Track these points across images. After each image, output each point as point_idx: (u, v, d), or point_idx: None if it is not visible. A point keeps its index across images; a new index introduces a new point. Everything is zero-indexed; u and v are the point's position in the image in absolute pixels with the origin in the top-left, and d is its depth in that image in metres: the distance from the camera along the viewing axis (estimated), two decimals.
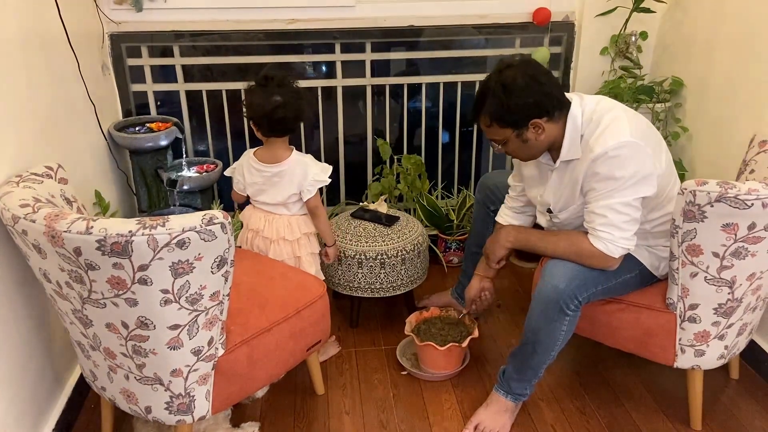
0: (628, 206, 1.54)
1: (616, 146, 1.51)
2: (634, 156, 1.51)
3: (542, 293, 1.62)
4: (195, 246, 1.25)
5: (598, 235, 1.58)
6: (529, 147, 1.62)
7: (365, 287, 2.17)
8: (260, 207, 1.96)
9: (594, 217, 1.59)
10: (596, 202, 1.57)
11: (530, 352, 1.70)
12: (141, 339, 1.35)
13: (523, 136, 1.59)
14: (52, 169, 1.58)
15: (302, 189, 1.86)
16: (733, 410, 1.86)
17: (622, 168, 1.51)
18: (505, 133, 1.59)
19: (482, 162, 3.01)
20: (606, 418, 1.84)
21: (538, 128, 1.57)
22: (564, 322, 1.62)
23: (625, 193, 1.53)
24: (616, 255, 1.58)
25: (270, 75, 1.78)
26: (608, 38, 2.56)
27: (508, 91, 1.52)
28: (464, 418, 1.83)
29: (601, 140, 1.54)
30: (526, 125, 1.57)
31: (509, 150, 1.66)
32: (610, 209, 1.55)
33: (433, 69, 2.74)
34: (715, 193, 1.43)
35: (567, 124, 1.60)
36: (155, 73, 2.57)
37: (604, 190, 1.55)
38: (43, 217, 1.25)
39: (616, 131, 1.53)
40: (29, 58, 1.70)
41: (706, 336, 1.65)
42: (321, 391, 1.94)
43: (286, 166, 1.86)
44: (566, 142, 1.60)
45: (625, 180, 1.52)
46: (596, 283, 1.63)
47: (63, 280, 1.32)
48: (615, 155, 1.51)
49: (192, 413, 1.48)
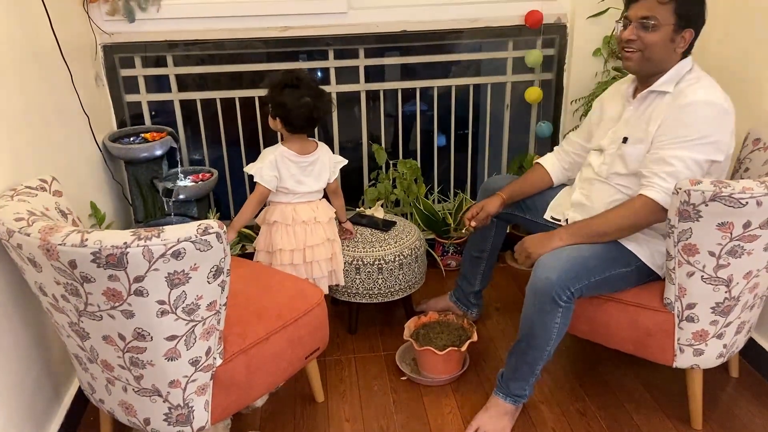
0: (697, 164, 1.56)
1: (711, 102, 1.55)
2: (722, 120, 1.56)
3: (535, 285, 1.63)
4: (190, 256, 1.25)
5: (655, 182, 1.58)
6: (666, 50, 1.62)
7: (363, 293, 2.16)
8: (295, 201, 2.02)
9: (660, 165, 1.58)
10: (669, 150, 1.57)
11: (526, 347, 1.70)
12: (138, 351, 1.35)
13: (675, 36, 1.60)
14: (46, 181, 1.58)
15: (331, 173, 2.06)
16: (733, 409, 1.86)
17: (708, 124, 1.55)
18: (670, 20, 1.59)
19: (478, 165, 3.01)
20: (607, 419, 1.84)
21: (684, 41, 1.61)
22: (557, 314, 1.62)
23: (702, 149, 1.55)
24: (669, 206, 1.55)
25: (300, 76, 1.91)
26: (600, 39, 2.57)
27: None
28: (465, 422, 1.83)
29: (699, 91, 1.58)
30: (685, 27, 1.60)
31: (651, 39, 1.61)
32: (680, 161, 1.56)
33: (427, 73, 2.74)
34: (710, 192, 1.43)
35: (680, 61, 1.64)
36: (149, 83, 2.56)
37: (681, 138, 1.56)
38: (37, 230, 1.24)
39: (713, 92, 1.58)
40: (22, 71, 1.70)
41: (704, 335, 1.65)
42: (321, 398, 1.94)
43: (317, 156, 2.03)
44: (670, 72, 1.64)
45: (704, 136, 1.54)
46: (589, 275, 1.63)
47: (59, 293, 1.32)
48: (708, 110, 1.55)
49: (191, 424, 1.48)
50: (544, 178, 2.02)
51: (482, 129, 2.92)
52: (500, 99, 2.83)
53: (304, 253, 2.02)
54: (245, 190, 2.74)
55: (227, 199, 2.84)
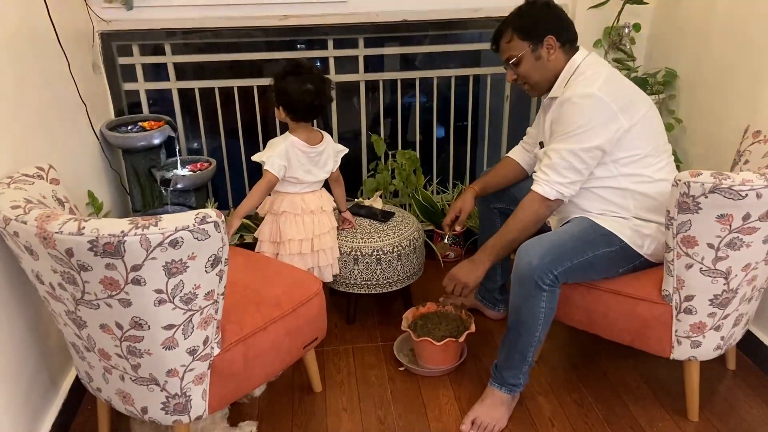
0: (572, 154, 1.64)
1: (581, 94, 1.63)
2: (593, 108, 1.62)
3: (518, 271, 1.66)
4: (188, 245, 1.24)
5: (536, 176, 1.71)
6: (539, 67, 1.74)
7: (361, 284, 2.16)
8: (302, 191, 2.02)
9: (542, 160, 1.71)
10: (549, 145, 1.71)
11: (515, 334, 1.71)
12: (135, 340, 1.34)
13: (537, 52, 1.72)
14: (43, 169, 1.57)
15: (334, 163, 2.07)
16: (730, 401, 1.86)
17: (578, 116, 1.63)
18: (522, 47, 1.72)
19: (477, 157, 3.00)
20: (603, 410, 1.84)
21: (551, 47, 1.71)
22: (542, 299, 1.64)
23: (574, 140, 1.63)
24: (551, 197, 1.68)
25: (301, 63, 1.92)
26: (601, 30, 2.55)
27: (532, 7, 1.74)
28: (462, 413, 1.83)
29: (572, 86, 1.68)
30: (542, 41, 1.71)
31: (522, 70, 1.75)
32: (555, 152, 1.67)
33: (427, 64, 2.73)
34: (709, 184, 1.43)
35: (567, 64, 1.73)
36: (147, 72, 2.55)
37: (557, 134, 1.68)
38: (34, 218, 1.24)
39: (588, 82, 1.65)
40: (18, 58, 1.69)
41: (702, 327, 1.65)
42: (318, 388, 1.94)
43: (324, 145, 2.03)
44: (559, 79, 1.74)
45: (576, 128, 1.63)
46: (570, 257, 1.65)
47: (56, 281, 1.31)
48: (577, 102, 1.63)
49: (189, 413, 1.48)
50: (516, 169, 2.05)
51: (482, 120, 2.91)
52: (500, 90, 2.82)
53: (312, 242, 2.02)
54: (243, 180, 2.73)
55: (225, 189, 2.83)
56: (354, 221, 2.20)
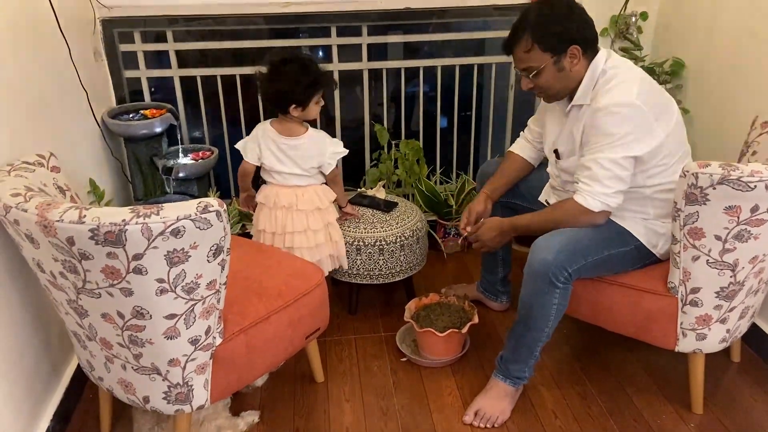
0: (614, 163, 1.57)
1: (619, 103, 1.55)
2: (633, 117, 1.55)
3: (532, 267, 1.63)
4: (190, 234, 1.23)
5: (579, 187, 1.63)
6: (562, 78, 1.63)
7: (364, 274, 2.15)
8: (281, 183, 2.00)
9: (581, 170, 1.63)
10: (587, 156, 1.62)
11: (524, 329, 1.70)
12: (137, 329, 1.33)
13: (560, 64, 1.61)
14: (44, 157, 1.55)
15: (323, 163, 1.99)
16: (734, 393, 1.86)
17: (618, 125, 1.55)
18: (544, 59, 1.60)
19: (481, 147, 2.98)
20: (607, 402, 1.83)
21: (574, 57, 1.60)
22: (555, 295, 1.62)
23: (615, 150, 1.56)
24: (595, 209, 1.61)
25: (272, 61, 1.88)
26: (608, 19, 2.52)
27: (554, 14, 1.58)
28: (464, 404, 1.83)
29: (608, 94, 1.58)
30: (566, 51, 1.59)
31: (542, 81, 1.65)
32: (595, 163, 1.58)
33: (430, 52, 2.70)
34: (718, 175, 1.41)
35: (589, 68, 1.63)
36: (149, 59, 2.53)
37: (597, 144, 1.59)
38: (35, 206, 1.22)
39: (624, 89, 1.56)
40: (18, 45, 1.67)
41: (707, 320, 1.63)
42: (320, 378, 1.93)
43: (301, 141, 1.97)
44: (583, 84, 1.63)
45: (618, 137, 1.55)
46: (585, 255, 1.63)
47: (57, 270, 1.30)
48: (616, 111, 1.55)
49: (190, 403, 1.47)
50: (522, 164, 2.00)
51: (485, 110, 2.88)
52: (504, 79, 2.80)
53: (284, 238, 2.00)
54: None
55: (228, 178, 2.81)
56: (356, 212, 2.18)
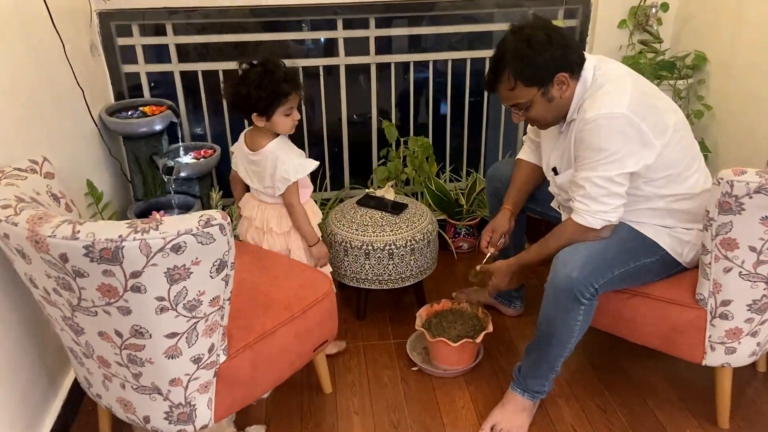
0: (608, 180, 1.48)
1: (608, 116, 1.44)
2: (624, 130, 1.44)
3: (555, 283, 1.54)
4: (192, 250, 1.14)
5: (575, 206, 1.55)
6: (554, 107, 1.54)
7: (373, 279, 2.07)
8: (254, 194, 1.88)
9: (575, 188, 1.55)
10: (579, 172, 1.53)
11: (545, 345, 1.62)
12: (136, 348, 1.26)
13: (549, 94, 1.51)
14: (36, 163, 1.47)
15: (272, 184, 1.76)
16: (761, 405, 1.78)
17: (608, 140, 1.45)
18: (530, 93, 1.50)
19: (490, 143, 2.88)
20: (628, 416, 1.76)
21: (563, 84, 1.50)
22: (579, 312, 1.54)
23: (608, 167, 1.47)
24: (597, 226, 1.53)
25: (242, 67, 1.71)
26: (627, 10, 2.43)
27: (532, 46, 1.45)
28: (479, 417, 1.75)
29: (595, 105, 1.46)
30: (552, 81, 1.49)
31: (533, 114, 1.55)
32: (588, 181, 1.50)
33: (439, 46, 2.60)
34: (755, 183, 1.32)
35: (578, 84, 1.52)
36: (148, 53, 2.43)
37: (588, 160, 1.50)
38: (25, 220, 1.14)
39: (613, 100, 1.45)
40: (8, 40, 1.58)
41: (738, 333, 1.55)
42: (328, 389, 1.86)
43: (260, 156, 1.77)
44: (574, 101, 1.53)
45: (609, 153, 1.45)
46: (611, 268, 1.54)
47: (50, 286, 1.22)
48: (605, 124, 1.44)
49: (193, 423, 1.40)
50: (534, 170, 1.89)
51: (496, 104, 2.79)
52: None
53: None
54: None
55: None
56: (321, 258, 1.88)
